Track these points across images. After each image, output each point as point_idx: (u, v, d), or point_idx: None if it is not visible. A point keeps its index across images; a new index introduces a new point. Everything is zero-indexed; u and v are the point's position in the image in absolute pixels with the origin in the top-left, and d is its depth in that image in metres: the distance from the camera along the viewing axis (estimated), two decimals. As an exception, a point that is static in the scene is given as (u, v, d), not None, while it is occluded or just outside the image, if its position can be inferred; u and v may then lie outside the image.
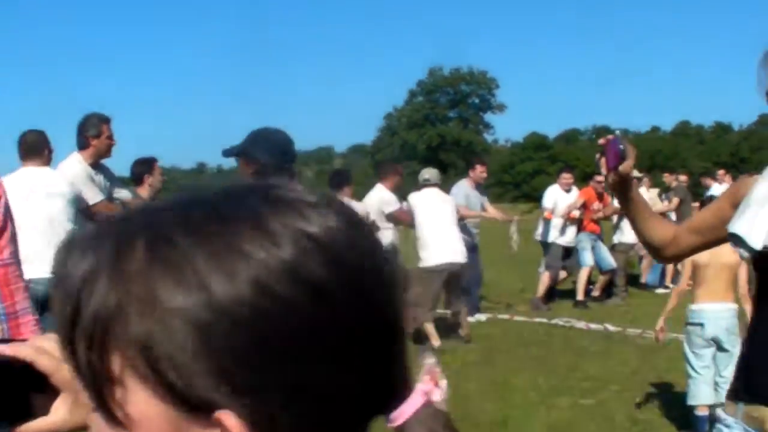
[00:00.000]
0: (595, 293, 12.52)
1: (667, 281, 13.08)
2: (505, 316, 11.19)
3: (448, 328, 9.47)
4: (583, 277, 12.09)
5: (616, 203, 12.70)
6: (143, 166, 7.41)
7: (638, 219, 2.63)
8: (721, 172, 16.23)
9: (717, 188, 13.47)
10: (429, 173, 9.41)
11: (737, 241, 2.28)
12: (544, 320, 10.88)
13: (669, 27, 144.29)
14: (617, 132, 2.58)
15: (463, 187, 10.66)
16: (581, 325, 10.56)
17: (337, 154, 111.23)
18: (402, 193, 9.54)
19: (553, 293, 12.28)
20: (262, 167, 3.95)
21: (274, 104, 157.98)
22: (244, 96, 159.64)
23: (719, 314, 5.62)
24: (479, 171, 10.79)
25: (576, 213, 11.73)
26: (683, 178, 15.21)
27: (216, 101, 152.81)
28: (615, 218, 12.75)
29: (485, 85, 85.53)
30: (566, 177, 12.44)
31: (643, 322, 10.37)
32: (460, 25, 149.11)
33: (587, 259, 12.05)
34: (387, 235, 9.33)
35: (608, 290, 12.61)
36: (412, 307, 9.01)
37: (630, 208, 2.63)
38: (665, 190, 15.03)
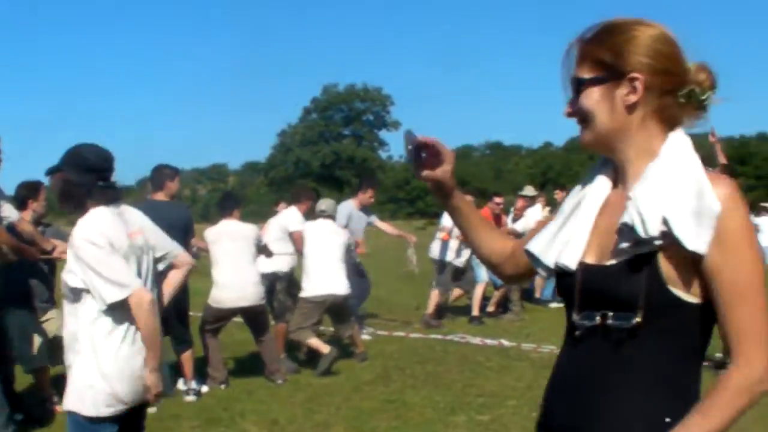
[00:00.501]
0: (490, 309, 12.62)
1: (560, 296, 13.26)
2: (401, 334, 11.19)
3: (342, 347, 9.39)
4: (478, 292, 12.19)
5: (510, 223, 12.85)
6: (28, 191, 7.18)
7: (468, 230, 2.36)
8: None
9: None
10: (325, 204, 9.39)
11: (533, 259, 2.09)
12: (440, 337, 10.92)
13: (559, 43, 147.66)
14: (407, 131, 2.17)
15: (348, 207, 10.68)
16: (477, 341, 10.63)
17: (231, 171, 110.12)
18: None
19: (444, 310, 12.33)
20: (71, 185, 3.78)
21: (168, 121, 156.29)
22: (141, 114, 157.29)
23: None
24: (368, 195, 10.84)
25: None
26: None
27: (117, 120, 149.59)
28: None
29: (380, 102, 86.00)
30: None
31: (538, 337, 10.52)
32: (354, 42, 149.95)
33: (482, 274, 12.14)
34: (286, 261, 9.28)
35: (503, 306, 12.74)
36: (292, 332, 8.97)
37: (456, 217, 2.34)
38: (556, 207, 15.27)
